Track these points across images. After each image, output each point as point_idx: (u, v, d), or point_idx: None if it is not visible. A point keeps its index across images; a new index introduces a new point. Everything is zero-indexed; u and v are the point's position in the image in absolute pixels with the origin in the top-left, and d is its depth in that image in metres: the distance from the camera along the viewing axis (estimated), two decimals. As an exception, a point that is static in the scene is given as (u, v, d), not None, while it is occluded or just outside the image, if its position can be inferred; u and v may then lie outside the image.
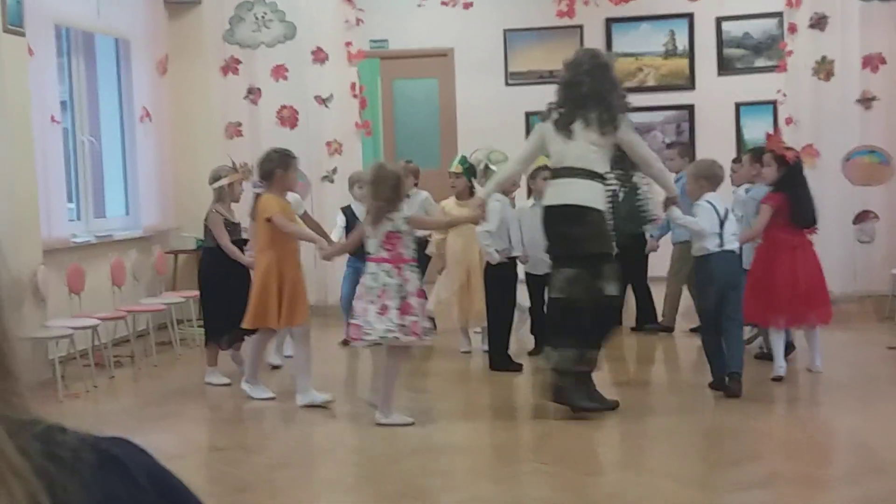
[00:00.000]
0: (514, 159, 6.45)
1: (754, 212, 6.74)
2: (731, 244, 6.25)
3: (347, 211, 8.11)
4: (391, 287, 5.64)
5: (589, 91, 5.90)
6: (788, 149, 6.83)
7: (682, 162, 8.50)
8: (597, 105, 5.89)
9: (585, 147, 5.85)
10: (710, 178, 6.38)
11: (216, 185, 7.23)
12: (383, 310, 5.63)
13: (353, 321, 5.84)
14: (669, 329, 8.34)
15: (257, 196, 6.51)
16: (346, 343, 7.87)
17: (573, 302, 5.68)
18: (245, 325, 6.44)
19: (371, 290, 5.68)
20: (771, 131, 8.61)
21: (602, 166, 5.85)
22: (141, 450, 0.80)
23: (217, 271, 7.08)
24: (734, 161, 8.47)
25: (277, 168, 6.42)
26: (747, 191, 7.32)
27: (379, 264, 5.70)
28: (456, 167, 7.64)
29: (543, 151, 6.16)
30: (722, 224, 6.22)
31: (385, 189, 5.70)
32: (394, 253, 5.71)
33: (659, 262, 8.58)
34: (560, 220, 5.79)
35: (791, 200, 6.46)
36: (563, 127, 5.91)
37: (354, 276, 7.29)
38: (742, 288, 6.32)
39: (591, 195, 5.75)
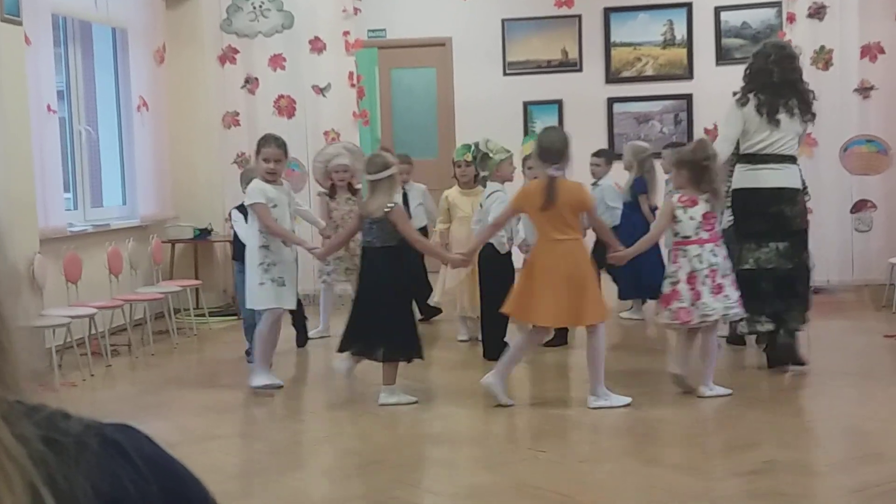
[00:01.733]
0: (725, 142, 6.48)
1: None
2: None
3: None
4: (718, 266, 5.95)
5: (780, 80, 6.40)
6: None
7: (607, 168, 8.68)
8: (792, 94, 6.41)
9: (793, 135, 6.44)
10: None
11: (386, 174, 5.98)
12: (718, 288, 5.93)
13: (680, 305, 5.93)
14: None
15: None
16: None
17: (786, 271, 6.36)
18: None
19: (699, 272, 5.91)
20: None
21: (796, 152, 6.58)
22: (145, 437, 0.80)
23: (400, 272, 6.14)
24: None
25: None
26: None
27: (702, 245, 5.94)
28: (466, 156, 7.62)
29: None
30: None
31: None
32: (713, 232, 6.00)
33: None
34: (779, 201, 6.36)
35: None
36: (770, 115, 6.39)
37: None
38: None
39: (799, 179, 6.50)
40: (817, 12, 9.44)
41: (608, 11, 11.52)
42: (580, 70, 11.66)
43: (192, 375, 7.39)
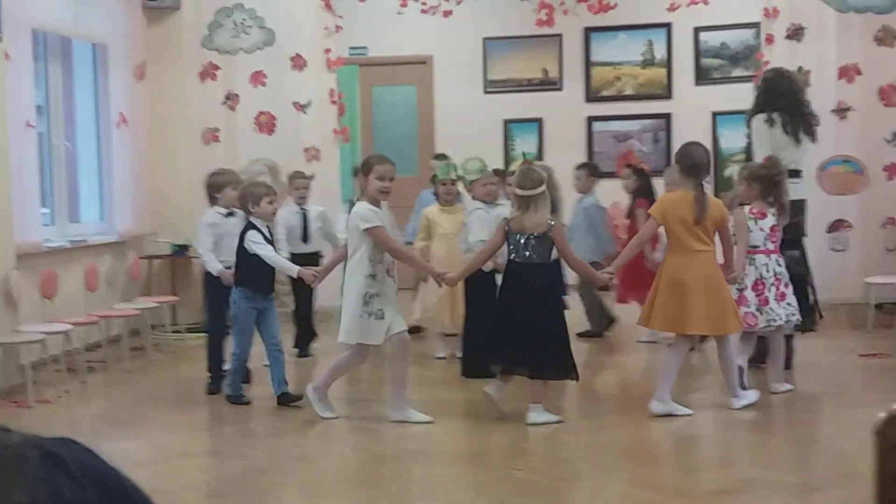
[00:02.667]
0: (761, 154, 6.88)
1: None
2: None
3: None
4: (782, 275, 6.38)
5: (800, 102, 7.06)
6: (641, 163, 8.68)
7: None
8: (806, 116, 7.04)
9: (803, 153, 7.09)
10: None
11: (542, 188, 5.87)
12: (782, 296, 6.35)
13: (747, 310, 6.25)
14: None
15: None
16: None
17: (802, 276, 6.71)
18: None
19: (766, 279, 6.32)
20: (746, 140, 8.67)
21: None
22: (86, 450, 0.79)
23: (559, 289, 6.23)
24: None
25: None
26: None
27: (769, 255, 6.35)
28: (452, 174, 7.63)
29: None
30: None
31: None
32: (777, 244, 6.41)
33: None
34: (798, 212, 6.86)
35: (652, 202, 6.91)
36: (794, 134, 6.98)
37: None
38: None
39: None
40: (795, 34, 9.51)
41: (588, 31, 11.58)
42: (560, 89, 11.72)
43: (168, 392, 7.34)
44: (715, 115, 11.39)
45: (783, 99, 6.96)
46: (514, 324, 5.80)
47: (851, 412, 6.08)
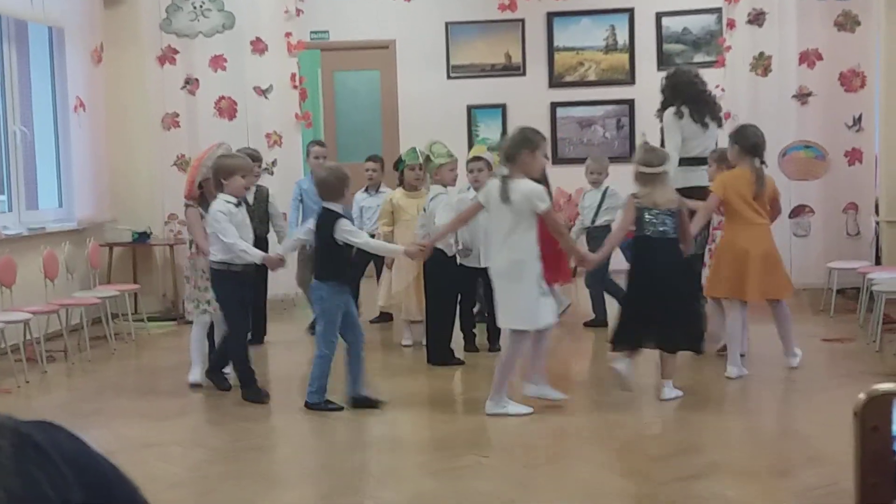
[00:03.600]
0: (675, 151, 7.11)
1: None
2: None
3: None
4: None
5: (703, 92, 7.52)
6: None
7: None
8: (711, 105, 7.53)
9: (713, 140, 7.48)
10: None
11: (667, 166, 6.07)
12: None
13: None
14: None
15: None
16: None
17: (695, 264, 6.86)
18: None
19: None
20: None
21: None
22: (66, 433, 0.75)
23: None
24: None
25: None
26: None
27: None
28: (414, 158, 7.62)
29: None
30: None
31: None
32: None
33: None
34: (705, 197, 6.87)
35: None
36: (702, 122, 7.41)
37: None
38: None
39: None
40: (756, 19, 9.54)
41: (551, 16, 11.56)
42: (524, 74, 11.69)
43: (130, 382, 7.26)
44: (677, 100, 11.40)
45: (686, 92, 7.48)
46: (656, 298, 5.91)
47: (815, 396, 6.13)
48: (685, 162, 7.24)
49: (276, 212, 7.99)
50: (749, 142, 6.57)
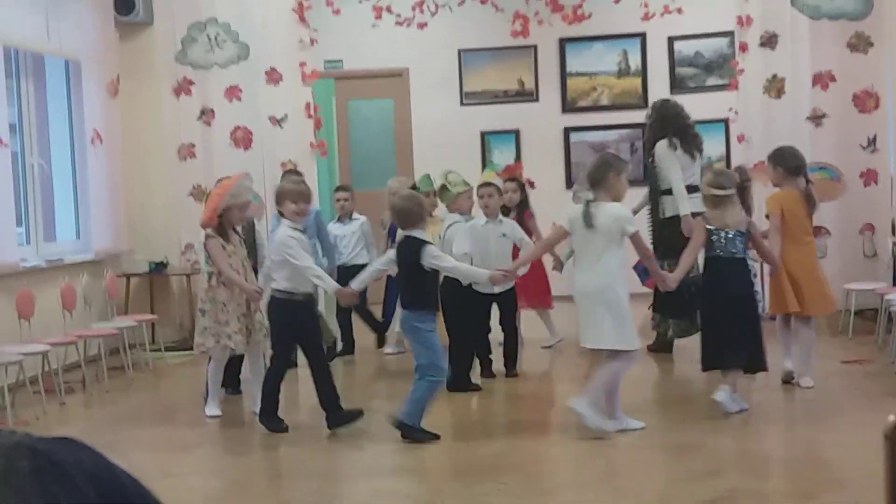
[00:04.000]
0: (677, 187, 7.67)
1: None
2: None
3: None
4: None
5: (685, 125, 7.92)
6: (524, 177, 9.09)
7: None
8: (692, 137, 7.93)
9: (699, 167, 7.85)
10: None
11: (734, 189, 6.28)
12: None
13: None
14: None
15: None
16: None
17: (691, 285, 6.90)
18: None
19: None
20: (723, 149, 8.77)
21: None
22: (86, 448, 0.75)
23: None
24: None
25: None
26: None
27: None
28: (433, 186, 7.67)
29: None
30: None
31: None
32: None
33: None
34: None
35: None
36: (689, 151, 7.84)
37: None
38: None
39: None
40: (769, 41, 9.55)
41: (563, 42, 11.60)
42: (537, 100, 11.72)
43: (147, 412, 7.27)
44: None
45: (674, 123, 7.88)
46: (734, 319, 6.08)
47: (834, 419, 6.09)
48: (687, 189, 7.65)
49: (261, 241, 7.81)
50: (791, 163, 6.79)
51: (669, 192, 7.74)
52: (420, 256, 5.73)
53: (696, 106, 11.25)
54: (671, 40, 11.48)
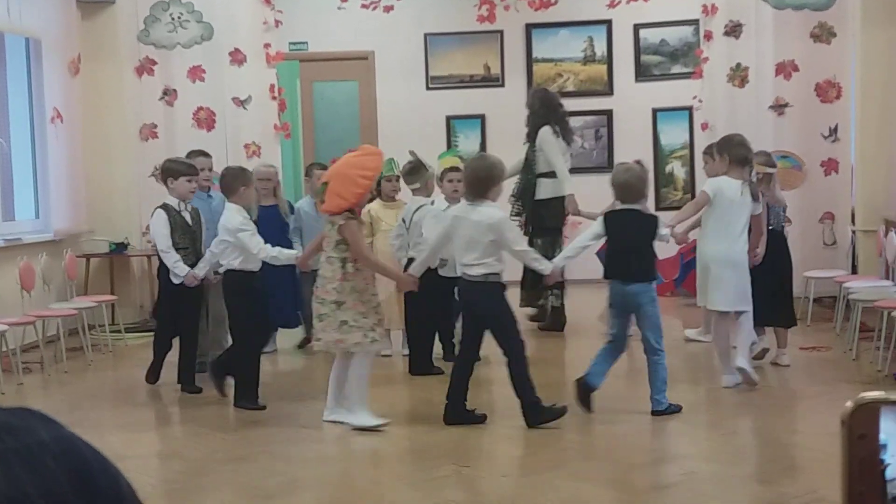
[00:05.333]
0: (562, 170, 8.33)
1: None
2: None
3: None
4: None
5: (564, 114, 8.57)
6: None
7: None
8: (567, 126, 8.59)
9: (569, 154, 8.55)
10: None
11: None
12: None
13: None
14: None
15: None
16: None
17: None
18: None
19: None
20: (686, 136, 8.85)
21: None
22: (43, 418, 0.72)
23: None
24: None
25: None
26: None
27: None
28: (396, 171, 7.67)
29: None
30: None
31: None
32: None
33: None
34: (558, 207, 8.37)
35: None
36: (567, 139, 8.52)
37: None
38: None
39: None
40: (734, 30, 9.61)
41: (530, 27, 11.60)
42: (502, 85, 11.72)
43: (107, 393, 7.21)
44: (655, 111, 11.47)
45: (557, 112, 8.47)
46: (781, 283, 6.89)
47: (793, 405, 6.16)
48: (554, 175, 8.32)
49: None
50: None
51: (545, 175, 8.36)
52: (658, 228, 5.94)
53: (660, 94, 11.38)
54: (637, 28, 11.52)
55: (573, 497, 4.60)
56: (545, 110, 8.44)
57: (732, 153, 6.45)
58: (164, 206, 6.80)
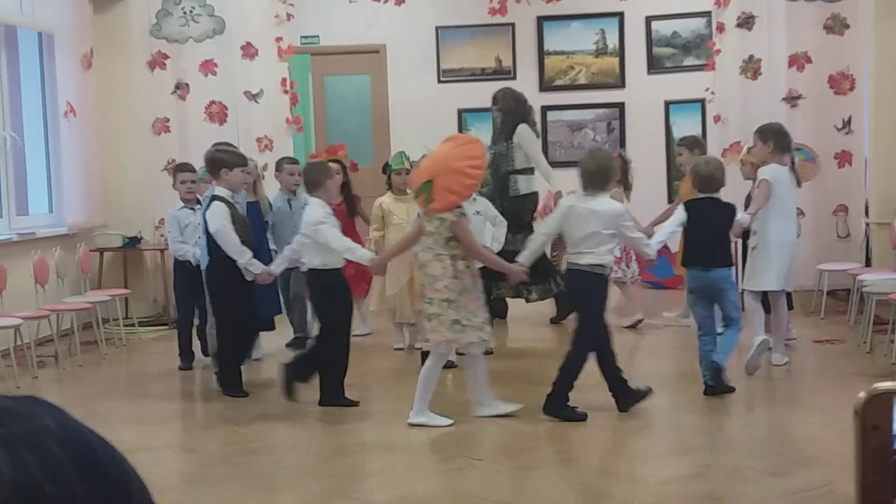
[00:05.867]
0: (547, 166, 8.55)
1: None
2: None
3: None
4: None
5: (531, 112, 8.80)
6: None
7: None
8: (533, 124, 8.76)
9: None
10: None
11: None
12: None
13: None
14: None
15: None
16: None
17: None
18: None
19: None
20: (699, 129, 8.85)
21: None
22: (47, 405, 0.72)
23: None
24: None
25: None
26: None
27: None
28: (400, 163, 7.67)
29: None
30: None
31: None
32: None
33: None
34: (531, 203, 8.65)
35: None
36: (538, 134, 8.88)
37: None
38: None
39: None
40: (746, 22, 9.57)
41: (541, 20, 11.57)
42: (514, 78, 11.68)
43: (120, 387, 7.25)
44: (668, 103, 11.44)
45: (530, 110, 8.74)
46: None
47: (807, 397, 6.14)
48: (529, 171, 8.50)
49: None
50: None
51: (521, 171, 8.48)
52: (736, 218, 6.21)
53: (672, 86, 11.34)
54: (649, 20, 11.48)
55: (588, 490, 4.60)
56: (521, 108, 8.62)
57: (776, 141, 6.77)
58: (221, 199, 6.42)
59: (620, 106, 11.61)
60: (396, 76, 11.73)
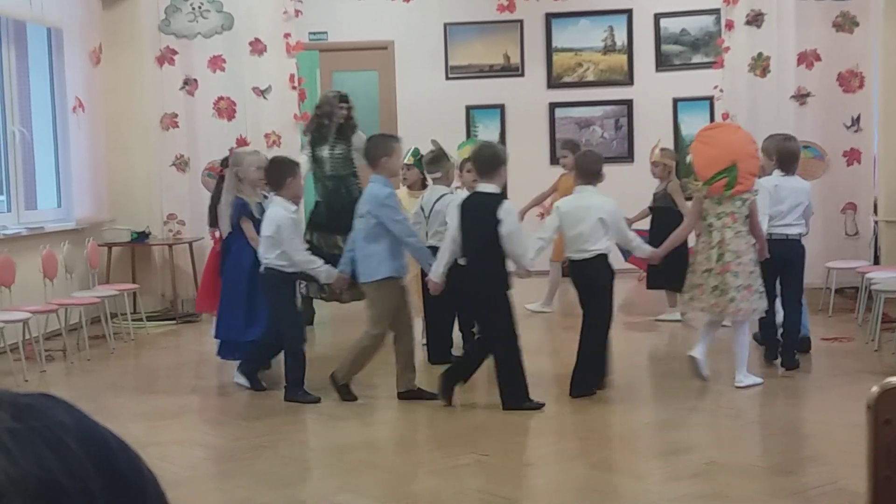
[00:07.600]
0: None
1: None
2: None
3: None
4: None
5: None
6: None
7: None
8: None
9: None
10: None
11: None
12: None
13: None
14: None
15: None
16: None
17: None
18: None
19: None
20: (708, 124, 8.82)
21: None
22: (65, 404, 0.72)
23: None
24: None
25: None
26: None
27: None
28: (408, 159, 7.65)
29: None
30: None
31: None
32: None
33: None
34: None
35: None
36: None
37: None
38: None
39: None
40: (755, 19, 9.55)
41: (550, 17, 11.56)
42: (522, 75, 11.69)
43: (129, 381, 7.26)
44: (676, 101, 11.43)
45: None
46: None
47: (814, 395, 6.14)
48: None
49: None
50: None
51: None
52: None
53: (681, 84, 11.32)
54: (657, 17, 11.47)
55: (594, 486, 4.61)
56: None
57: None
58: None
59: (629, 103, 11.60)
60: (404, 73, 11.73)
